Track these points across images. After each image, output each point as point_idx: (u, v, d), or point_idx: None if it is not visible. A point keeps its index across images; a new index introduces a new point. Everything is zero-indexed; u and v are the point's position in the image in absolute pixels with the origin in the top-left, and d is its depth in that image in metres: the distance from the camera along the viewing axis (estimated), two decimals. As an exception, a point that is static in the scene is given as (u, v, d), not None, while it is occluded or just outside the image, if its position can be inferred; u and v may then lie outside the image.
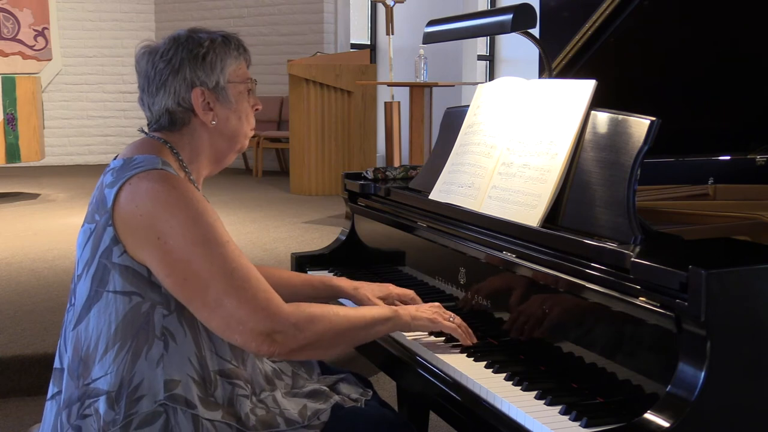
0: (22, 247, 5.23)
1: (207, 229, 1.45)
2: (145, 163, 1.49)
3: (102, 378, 1.46)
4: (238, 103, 1.62)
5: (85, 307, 1.49)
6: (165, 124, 1.59)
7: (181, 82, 1.56)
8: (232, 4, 9.73)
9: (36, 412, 3.00)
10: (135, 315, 1.46)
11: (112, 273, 1.46)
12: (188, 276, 1.43)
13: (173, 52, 1.57)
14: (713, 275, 1.19)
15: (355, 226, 2.35)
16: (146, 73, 1.59)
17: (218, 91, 1.59)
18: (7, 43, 9.76)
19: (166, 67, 1.56)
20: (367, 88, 7.71)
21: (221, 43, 1.60)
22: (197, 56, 1.57)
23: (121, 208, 1.45)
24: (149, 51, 1.60)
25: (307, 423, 1.56)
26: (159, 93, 1.57)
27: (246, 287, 1.44)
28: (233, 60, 1.61)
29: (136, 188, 1.46)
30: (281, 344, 1.45)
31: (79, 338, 1.49)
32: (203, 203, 1.48)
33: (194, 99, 1.57)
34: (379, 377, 3.30)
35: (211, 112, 1.59)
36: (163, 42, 1.61)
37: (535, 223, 1.60)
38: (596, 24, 2.05)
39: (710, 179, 2.25)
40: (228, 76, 1.60)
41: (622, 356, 1.37)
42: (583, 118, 1.62)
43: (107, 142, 10.30)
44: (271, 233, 5.67)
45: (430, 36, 2.14)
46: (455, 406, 1.50)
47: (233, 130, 1.63)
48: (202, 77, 1.57)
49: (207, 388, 1.49)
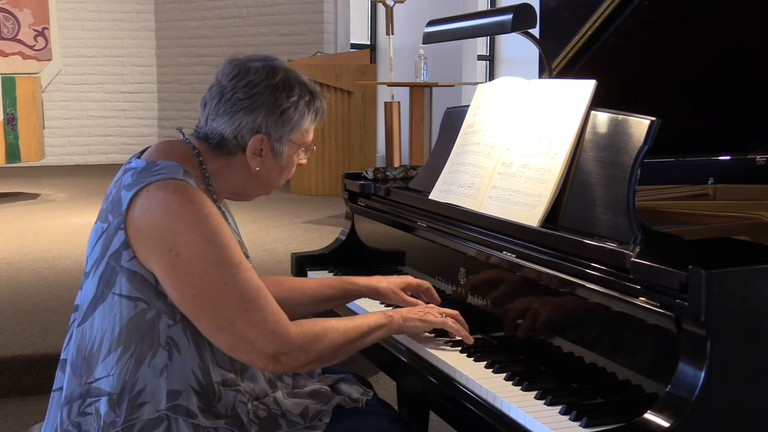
0: (22, 247, 5.23)
1: (220, 248, 1.44)
2: (166, 171, 1.47)
3: (104, 379, 1.46)
4: (289, 159, 1.61)
5: (91, 306, 1.49)
6: (212, 143, 1.56)
7: (250, 123, 1.53)
8: (232, 4, 9.72)
9: (36, 412, 3.00)
10: (140, 321, 1.45)
11: (120, 276, 1.45)
12: (197, 293, 1.42)
13: (259, 89, 1.53)
14: (713, 275, 1.19)
15: (355, 226, 2.35)
16: (223, 89, 1.55)
17: (278, 144, 1.56)
18: (7, 43, 9.75)
19: (245, 100, 1.53)
20: (367, 88, 7.70)
21: (306, 103, 1.58)
22: (278, 108, 1.54)
23: (135, 214, 1.44)
24: (239, 68, 1.55)
25: (309, 424, 1.56)
26: (224, 117, 1.54)
27: (256, 310, 1.44)
28: (308, 123, 1.60)
29: (152, 197, 1.44)
30: (285, 364, 1.47)
31: (83, 336, 1.49)
32: (219, 221, 1.46)
33: (252, 142, 1.55)
34: (379, 377, 3.30)
35: (260, 158, 1.57)
36: (255, 67, 1.55)
37: (535, 223, 1.60)
38: (596, 24, 2.05)
39: (710, 179, 2.25)
40: (295, 136, 1.58)
41: (622, 356, 1.37)
42: (583, 118, 1.62)
43: (107, 142, 10.30)
44: (271, 233, 5.67)
45: (430, 36, 2.14)
46: (455, 406, 1.51)
47: (271, 180, 1.62)
48: (271, 128, 1.55)
49: (210, 399, 1.49)
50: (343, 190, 2.38)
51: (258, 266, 3.89)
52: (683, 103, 2.23)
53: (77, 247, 5.08)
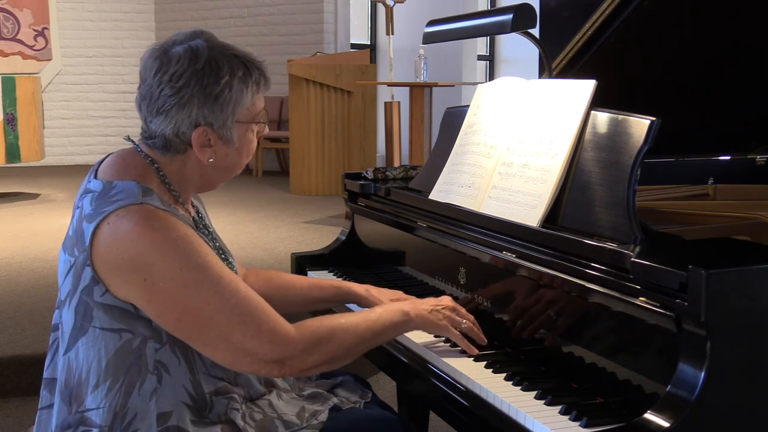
0: (22, 247, 5.23)
1: (198, 270, 1.37)
2: (124, 196, 1.38)
3: (95, 410, 1.41)
4: (241, 140, 1.51)
5: (72, 337, 1.43)
6: (158, 146, 1.47)
7: (185, 118, 1.43)
8: (232, 4, 9.72)
9: (36, 412, 3.00)
10: (126, 351, 1.40)
11: (96, 310, 1.40)
12: (182, 317, 1.37)
13: (185, 80, 1.42)
14: (713, 275, 1.19)
15: (355, 226, 2.35)
16: (150, 87, 1.44)
17: (223, 131, 1.46)
18: (7, 43, 9.76)
19: (173, 96, 1.42)
20: (367, 88, 7.71)
21: (240, 78, 1.46)
22: (210, 95, 1.43)
23: (101, 249, 1.36)
24: (161, 60, 1.44)
25: (306, 424, 1.54)
26: (159, 117, 1.44)
27: (248, 320, 1.39)
28: (250, 97, 1.48)
29: (115, 229, 1.36)
30: (291, 367, 1.43)
31: (70, 365, 1.44)
32: (189, 240, 1.39)
33: (194, 137, 1.45)
34: (379, 377, 3.30)
35: (210, 149, 1.47)
36: (177, 54, 1.43)
37: (535, 223, 1.60)
38: (596, 24, 2.05)
39: (710, 179, 2.25)
40: (239, 116, 1.48)
41: (622, 356, 1.37)
42: (583, 118, 1.62)
43: (107, 142, 10.30)
44: (271, 233, 5.67)
45: (430, 36, 2.14)
46: (455, 406, 1.50)
47: (230, 164, 1.52)
48: (209, 117, 1.44)
49: (201, 411, 1.45)
50: (343, 190, 2.38)
51: (258, 266, 3.87)
52: (683, 103, 2.23)
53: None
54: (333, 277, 2.24)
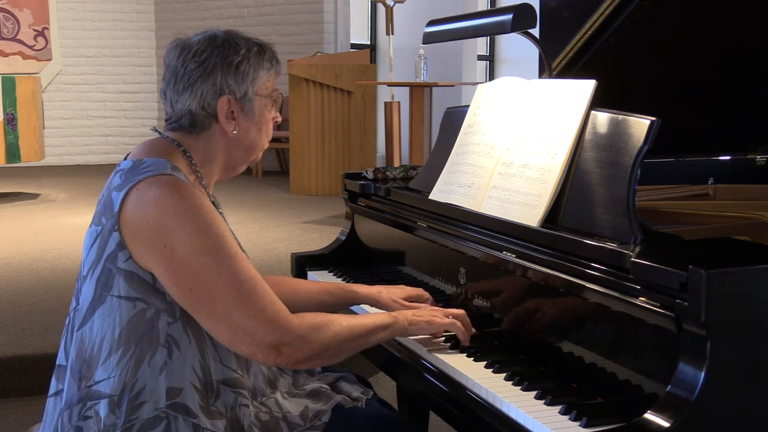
0: (22, 247, 5.23)
1: (215, 240, 1.44)
2: (154, 168, 1.47)
3: (105, 381, 1.45)
4: (261, 115, 1.61)
5: (90, 310, 1.48)
6: (185, 125, 1.57)
7: (210, 87, 1.54)
8: (232, 4, 9.72)
9: (36, 412, 3.00)
10: (139, 321, 1.45)
11: (117, 277, 1.45)
12: (194, 286, 1.42)
13: (207, 54, 1.54)
14: (713, 275, 1.19)
15: (355, 226, 2.35)
16: (175, 69, 1.56)
17: (244, 102, 1.57)
18: (7, 43, 9.75)
19: (198, 68, 1.54)
20: (367, 88, 7.70)
21: (256, 53, 1.58)
22: (231, 63, 1.55)
23: (128, 214, 1.44)
24: (182, 46, 1.57)
25: (309, 425, 1.56)
26: (185, 93, 1.55)
27: (254, 299, 1.43)
28: (265, 72, 1.60)
29: (143, 194, 1.44)
30: (288, 356, 1.45)
31: (83, 340, 1.49)
32: (212, 213, 1.47)
33: (220, 106, 1.55)
34: (379, 377, 3.30)
35: (234, 121, 1.57)
36: (197, 40, 1.57)
37: (535, 223, 1.60)
38: (596, 24, 2.05)
39: (710, 179, 2.25)
40: (257, 88, 1.59)
41: (622, 356, 1.37)
42: (583, 118, 1.62)
43: (107, 142, 10.30)
44: (271, 233, 5.67)
45: (430, 36, 2.14)
46: (455, 406, 1.50)
47: (252, 141, 1.61)
48: (232, 86, 1.55)
49: (208, 397, 1.48)
50: (343, 190, 2.38)
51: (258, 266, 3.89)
52: (683, 103, 2.23)
53: (77, 247, 5.08)
54: (333, 276, 2.24)
